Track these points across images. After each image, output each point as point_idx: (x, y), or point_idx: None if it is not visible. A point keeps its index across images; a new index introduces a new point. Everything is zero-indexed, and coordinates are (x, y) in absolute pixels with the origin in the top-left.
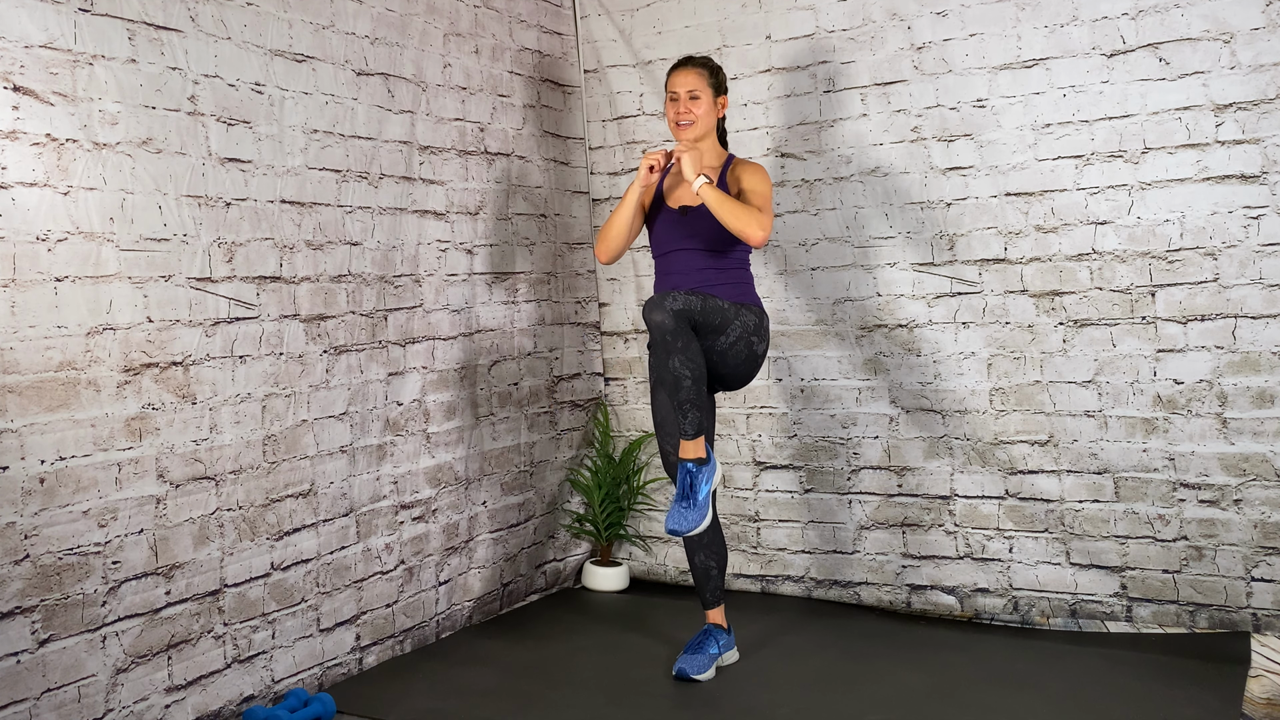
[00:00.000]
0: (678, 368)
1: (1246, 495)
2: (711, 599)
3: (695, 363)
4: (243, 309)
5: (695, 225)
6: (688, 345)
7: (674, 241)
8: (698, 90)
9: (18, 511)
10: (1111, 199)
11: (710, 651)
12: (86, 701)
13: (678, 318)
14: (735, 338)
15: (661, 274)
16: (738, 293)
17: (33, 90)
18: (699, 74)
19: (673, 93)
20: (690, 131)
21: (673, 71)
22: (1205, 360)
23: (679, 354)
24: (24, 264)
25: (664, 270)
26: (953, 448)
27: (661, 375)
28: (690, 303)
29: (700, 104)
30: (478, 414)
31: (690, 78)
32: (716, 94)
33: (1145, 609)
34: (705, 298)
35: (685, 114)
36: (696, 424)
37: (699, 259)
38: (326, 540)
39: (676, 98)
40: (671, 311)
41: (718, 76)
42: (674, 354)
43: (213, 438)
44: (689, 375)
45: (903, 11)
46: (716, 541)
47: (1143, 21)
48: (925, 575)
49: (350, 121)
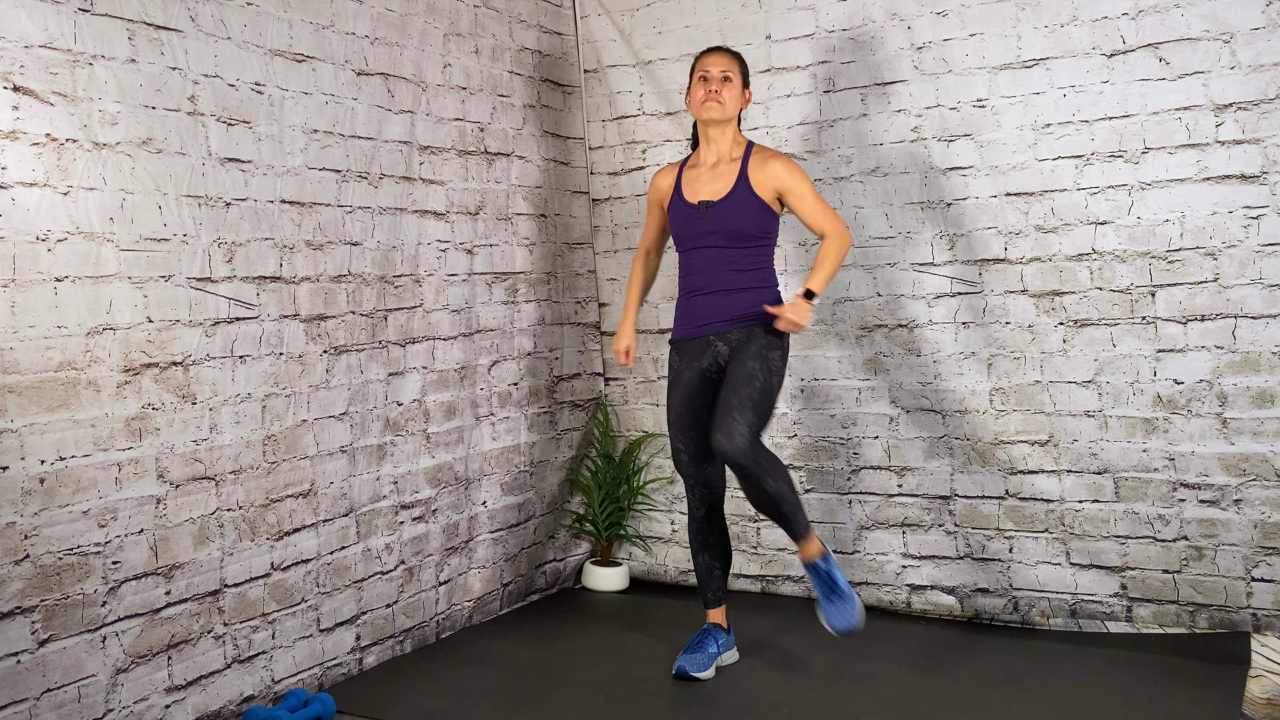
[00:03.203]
0: (773, 486)
1: (1246, 495)
2: (713, 599)
3: (782, 472)
4: (243, 309)
5: (715, 221)
6: (770, 460)
7: (695, 238)
8: (730, 73)
9: (18, 511)
10: (1111, 199)
11: (710, 650)
12: (86, 701)
13: (751, 442)
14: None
15: (685, 272)
16: (761, 292)
17: (33, 90)
18: (731, 58)
19: (704, 72)
20: (718, 112)
21: (703, 55)
22: (1205, 360)
23: (768, 474)
24: (24, 264)
25: (687, 269)
26: (953, 448)
27: (758, 499)
28: (741, 422)
29: (731, 87)
30: (478, 414)
31: (724, 59)
32: (743, 85)
33: (1145, 609)
34: (736, 391)
35: (715, 94)
36: (807, 523)
37: (722, 257)
38: (326, 540)
39: (708, 77)
40: (742, 445)
41: (745, 67)
42: (765, 476)
43: (213, 438)
44: (787, 485)
45: (903, 11)
46: (722, 543)
47: (1143, 21)
48: (925, 575)
49: (350, 121)
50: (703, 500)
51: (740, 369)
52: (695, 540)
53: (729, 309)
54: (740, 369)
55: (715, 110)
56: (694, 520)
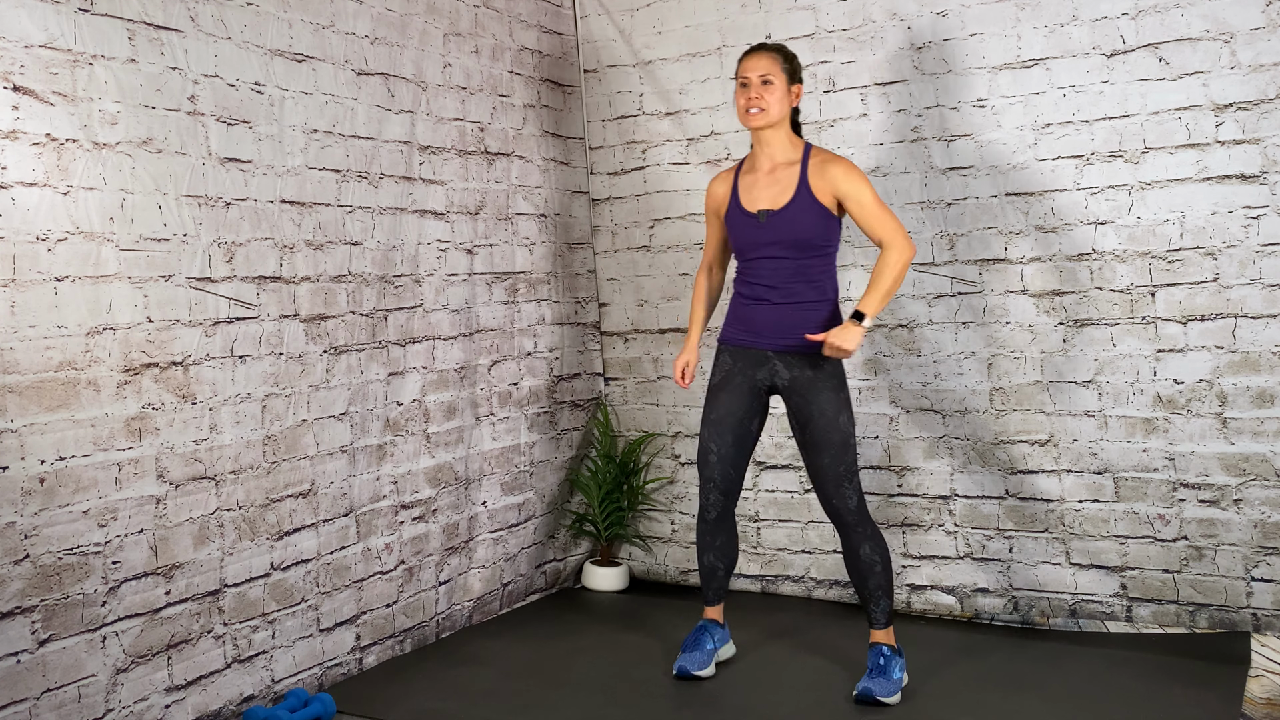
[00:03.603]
0: (867, 555)
1: (1246, 495)
2: (714, 597)
3: (881, 548)
4: (243, 309)
5: (777, 231)
6: (873, 530)
7: (756, 249)
8: (771, 75)
9: (18, 511)
10: (1111, 199)
11: (707, 647)
12: (86, 701)
13: (860, 504)
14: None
15: (745, 280)
16: (823, 306)
17: (33, 90)
18: (772, 58)
19: (744, 78)
20: (760, 119)
21: (744, 57)
22: (1205, 360)
23: (867, 541)
24: (24, 264)
25: (747, 276)
26: (953, 448)
27: (851, 563)
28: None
29: (773, 90)
30: (478, 414)
31: (763, 61)
32: (791, 81)
33: (1145, 609)
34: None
35: (756, 99)
36: (890, 614)
37: (784, 268)
38: (326, 540)
39: (748, 83)
40: (853, 506)
41: (793, 63)
42: (864, 542)
43: (213, 438)
44: (882, 563)
45: (903, 11)
46: (730, 545)
47: (1143, 21)
48: (925, 575)
49: (350, 121)
50: (716, 504)
51: (827, 423)
52: (702, 540)
53: (791, 326)
54: (827, 423)
55: (759, 118)
56: (704, 522)
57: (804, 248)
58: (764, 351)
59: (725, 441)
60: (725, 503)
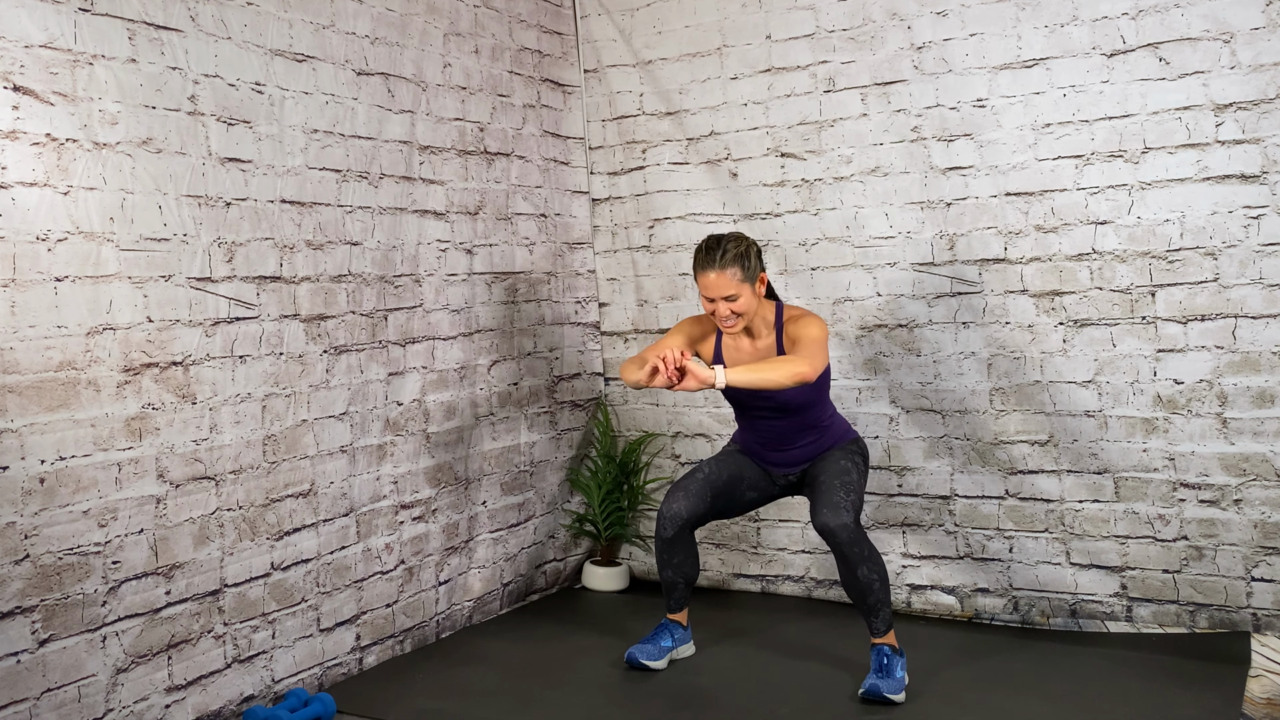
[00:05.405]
0: (865, 575)
1: (1246, 495)
2: (675, 606)
3: (878, 566)
4: (243, 309)
5: (769, 398)
6: (869, 550)
7: (753, 410)
8: (734, 293)
9: (18, 511)
10: (1111, 199)
11: (663, 644)
12: (86, 701)
13: (856, 523)
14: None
15: (750, 428)
16: (828, 431)
17: (33, 90)
18: (729, 276)
19: (707, 296)
20: (738, 326)
21: (700, 272)
22: (1205, 360)
23: (864, 563)
24: (24, 264)
25: (752, 428)
26: (953, 448)
27: (849, 582)
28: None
29: (740, 301)
30: (477, 414)
31: (721, 281)
32: (753, 282)
33: (1145, 609)
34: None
35: (727, 317)
36: (889, 621)
37: (784, 425)
38: (326, 540)
39: (713, 301)
40: (848, 522)
41: (748, 262)
42: (861, 564)
43: (213, 438)
44: (879, 580)
45: (903, 11)
46: (687, 563)
47: (1143, 21)
48: (925, 575)
49: (350, 121)
50: (675, 521)
51: (833, 464)
52: (660, 557)
53: (799, 458)
54: (833, 464)
55: (736, 326)
56: (660, 539)
57: (797, 409)
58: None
59: (720, 477)
60: (681, 526)
